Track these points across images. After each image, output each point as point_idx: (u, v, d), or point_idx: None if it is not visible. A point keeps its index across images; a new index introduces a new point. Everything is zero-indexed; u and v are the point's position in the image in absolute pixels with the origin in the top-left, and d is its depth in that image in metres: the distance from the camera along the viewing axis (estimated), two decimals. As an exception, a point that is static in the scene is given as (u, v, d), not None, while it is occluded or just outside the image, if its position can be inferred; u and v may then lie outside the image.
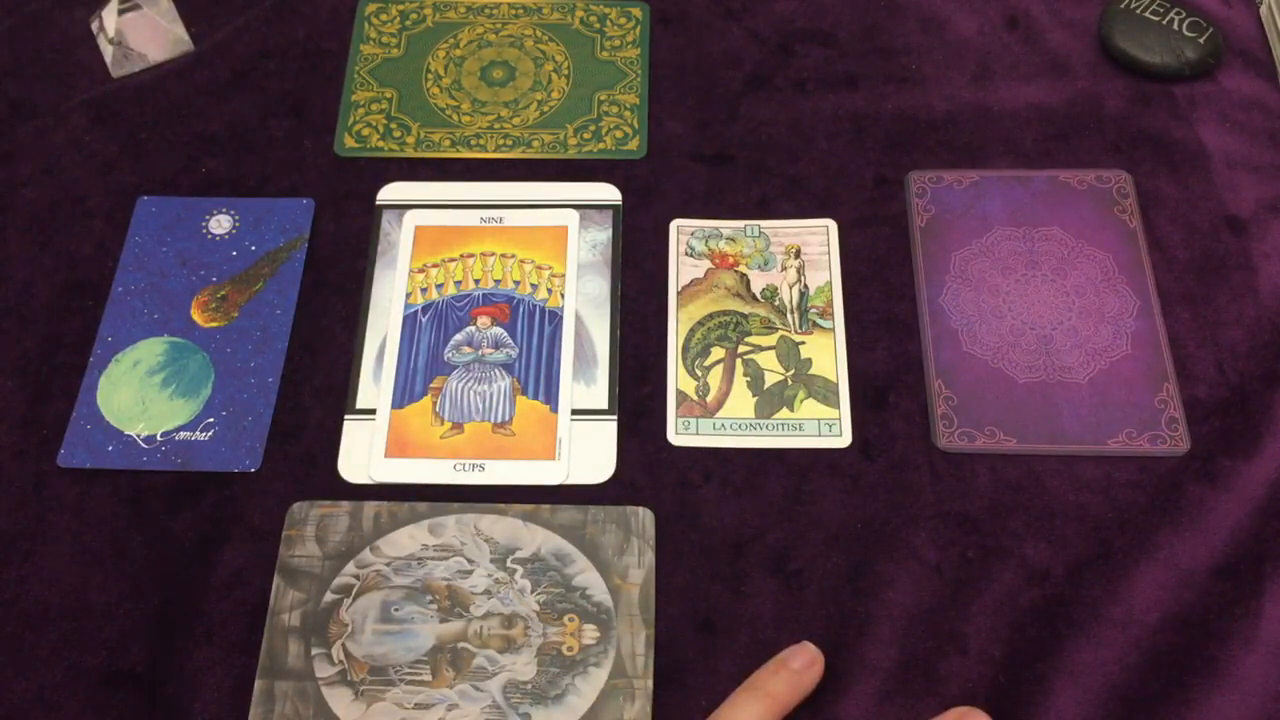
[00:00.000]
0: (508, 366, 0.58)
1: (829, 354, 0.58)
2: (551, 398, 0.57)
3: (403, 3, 0.71)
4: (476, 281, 0.61)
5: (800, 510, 0.54)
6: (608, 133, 0.66)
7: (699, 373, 0.58)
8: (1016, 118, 0.66)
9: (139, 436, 0.56)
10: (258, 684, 0.49)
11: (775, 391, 0.57)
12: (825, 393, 0.57)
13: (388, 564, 0.52)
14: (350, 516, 0.54)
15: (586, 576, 0.52)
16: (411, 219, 0.63)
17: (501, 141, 0.65)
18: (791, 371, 0.58)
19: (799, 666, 0.48)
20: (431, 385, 0.58)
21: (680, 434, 0.56)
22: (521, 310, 0.60)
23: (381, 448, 0.56)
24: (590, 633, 0.50)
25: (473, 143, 0.65)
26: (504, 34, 0.70)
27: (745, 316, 0.59)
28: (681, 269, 0.61)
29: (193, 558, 0.53)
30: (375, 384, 0.58)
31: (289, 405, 0.57)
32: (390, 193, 0.64)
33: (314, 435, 0.56)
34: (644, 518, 0.53)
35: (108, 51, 0.68)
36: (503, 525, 0.53)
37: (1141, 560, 0.52)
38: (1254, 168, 0.64)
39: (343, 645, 0.50)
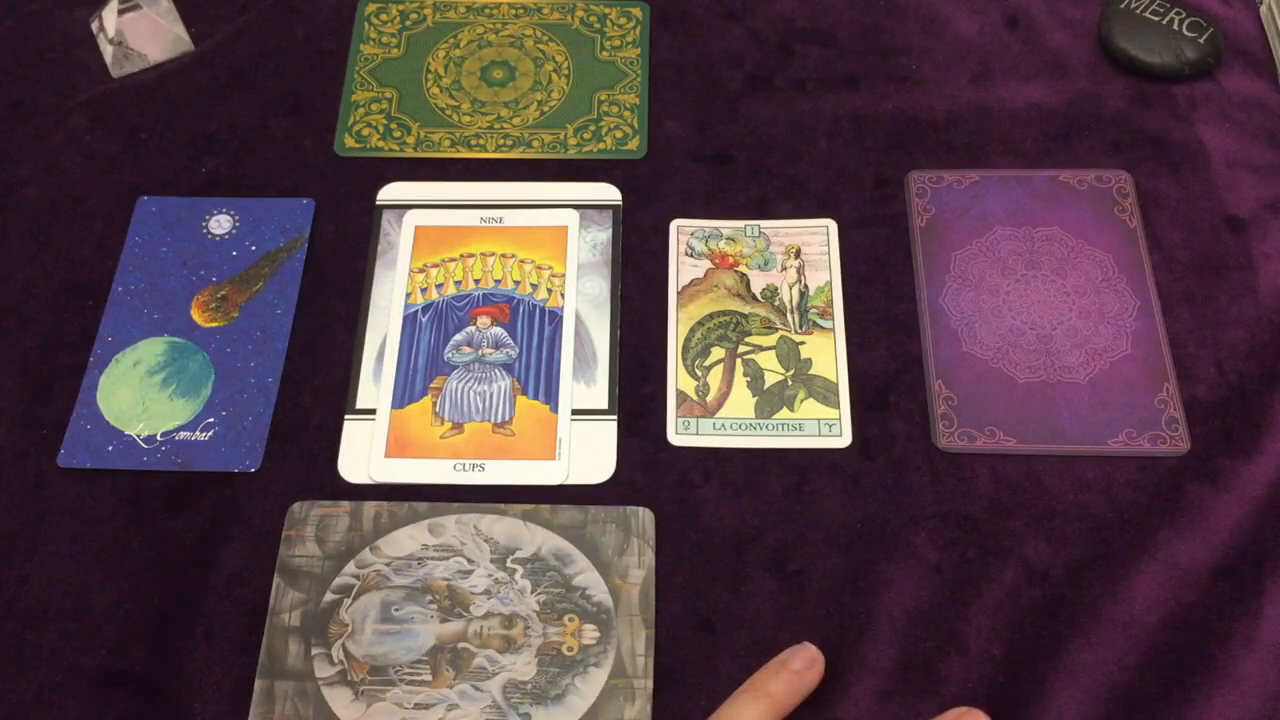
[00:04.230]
0: (508, 366, 0.58)
1: (829, 354, 0.58)
2: (551, 398, 0.57)
3: (403, 3, 0.71)
4: (476, 281, 0.61)
5: (800, 510, 0.54)
6: (608, 133, 0.66)
7: (699, 373, 0.58)
8: (1016, 118, 0.66)
9: (139, 436, 0.56)
10: (258, 684, 0.49)
11: (775, 391, 0.57)
12: (825, 393, 0.57)
13: (388, 564, 0.52)
14: (350, 516, 0.54)
15: (586, 576, 0.52)
16: (411, 219, 0.63)
17: (501, 141, 0.65)
18: (791, 371, 0.58)
19: (799, 667, 0.48)
20: (431, 385, 0.58)
21: (680, 434, 0.56)
22: (521, 310, 0.60)
23: (381, 448, 0.56)
24: (590, 633, 0.50)
25: (473, 143, 0.65)
26: (504, 34, 0.70)
27: (745, 316, 0.59)
28: (681, 269, 0.61)
29: (193, 558, 0.53)
30: (375, 384, 0.58)
31: (289, 405, 0.57)
32: (390, 193, 0.64)
33: (314, 435, 0.56)
34: (644, 518, 0.53)
35: (108, 51, 0.68)
36: (503, 525, 0.53)
37: (1141, 560, 0.52)
38: (1254, 168, 0.64)
39: (343, 645, 0.50)
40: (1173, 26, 0.67)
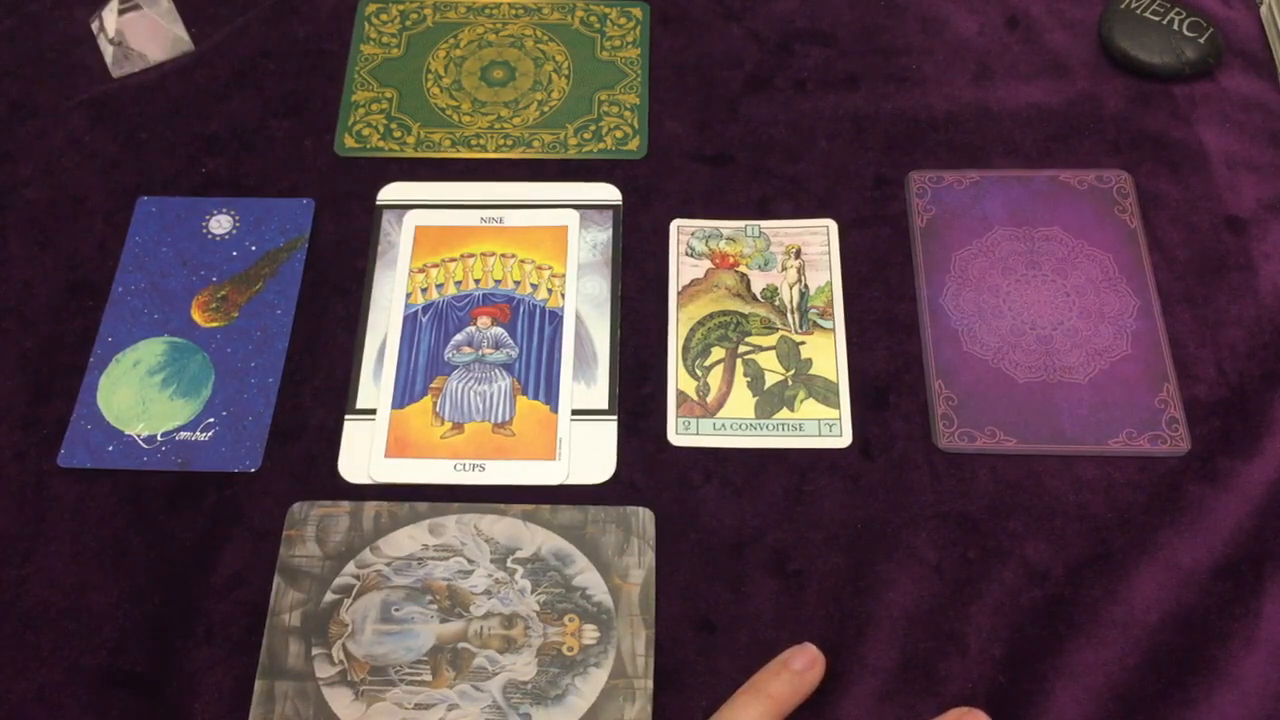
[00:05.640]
0: (508, 366, 0.58)
1: (829, 354, 0.58)
2: (551, 398, 0.57)
3: (403, 3, 0.71)
4: (476, 281, 0.61)
5: (800, 510, 0.54)
6: (608, 133, 0.66)
7: (699, 373, 0.58)
8: (1016, 118, 0.66)
9: (139, 436, 0.56)
10: (258, 684, 0.49)
11: (775, 391, 0.57)
12: (825, 393, 0.57)
13: (388, 564, 0.52)
14: (350, 516, 0.54)
15: (586, 576, 0.52)
16: (412, 219, 0.63)
17: (501, 141, 0.65)
18: (791, 371, 0.58)
19: (800, 667, 0.48)
20: (432, 385, 0.58)
21: (680, 434, 0.56)
22: (522, 310, 0.60)
23: (382, 448, 0.56)
24: (590, 633, 0.50)
25: (473, 143, 0.65)
26: (504, 34, 0.70)
27: (745, 316, 0.59)
28: (681, 269, 0.61)
29: (193, 558, 0.53)
30: (375, 384, 0.58)
31: (289, 405, 0.57)
32: (390, 193, 0.64)
33: (314, 435, 0.56)
34: (644, 518, 0.53)
35: (108, 51, 0.68)
36: (503, 525, 0.53)
37: (1141, 560, 0.52)
38: (1254, 168, 0.64)
39: (343, 645, 0.50)
40: (1173, 26, 0.67)
